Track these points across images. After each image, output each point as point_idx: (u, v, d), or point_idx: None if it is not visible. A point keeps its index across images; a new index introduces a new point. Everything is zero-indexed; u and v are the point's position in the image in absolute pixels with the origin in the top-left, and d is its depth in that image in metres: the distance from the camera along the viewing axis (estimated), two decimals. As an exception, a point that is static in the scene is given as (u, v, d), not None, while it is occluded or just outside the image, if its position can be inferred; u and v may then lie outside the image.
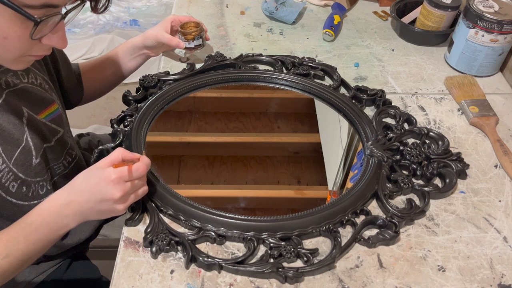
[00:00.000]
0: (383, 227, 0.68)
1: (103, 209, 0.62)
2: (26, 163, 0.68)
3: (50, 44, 0.60)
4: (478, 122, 0.87)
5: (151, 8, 2.07)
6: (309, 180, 1.00)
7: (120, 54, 0.94)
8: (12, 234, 0.61)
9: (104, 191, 0.60)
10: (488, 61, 0.96)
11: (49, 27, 0.58)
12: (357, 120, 0.84)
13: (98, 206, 0.61)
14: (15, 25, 0.54)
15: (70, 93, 0.90)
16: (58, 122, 0.77)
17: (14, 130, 0.66)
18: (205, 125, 1.10)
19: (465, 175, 0.78)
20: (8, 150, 0.66)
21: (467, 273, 0.64)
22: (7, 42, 0.55)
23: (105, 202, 0.61)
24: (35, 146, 0.70)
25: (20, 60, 0.61)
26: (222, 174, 1.00)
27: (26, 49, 0.58)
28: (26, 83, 0.71)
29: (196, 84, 0.90)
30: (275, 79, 0.93)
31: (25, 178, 0.69)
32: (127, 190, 0.61)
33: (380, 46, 1.08)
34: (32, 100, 0.72)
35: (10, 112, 0.66)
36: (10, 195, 0.68)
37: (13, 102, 0.67)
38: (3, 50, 0.57)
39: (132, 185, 0.62)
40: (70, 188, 0.62)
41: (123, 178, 0.60)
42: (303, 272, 0.62)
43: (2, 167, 0.65)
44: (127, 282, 0.62)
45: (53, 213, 0.62)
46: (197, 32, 0.93)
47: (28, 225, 0.62)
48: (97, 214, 0.63)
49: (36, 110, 0.72)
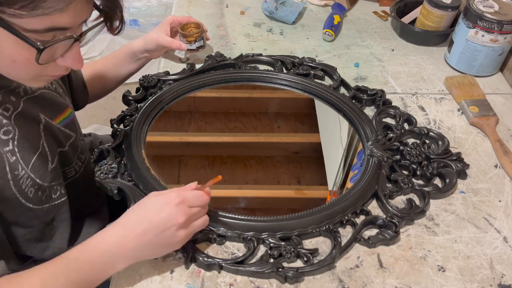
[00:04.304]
0: (383, 227, 0.68)
1: (162, 241, 0.57)
2: (42, 169, 0.67)
3: (65, 65, 0.57)
4: (478, 122, 0.87)
5: (151, 8, 2.07)
6: (309, 180, 1.00)
7: (121, 57, 0.94)
8: (52, 270, 0.56)
9: (167, 217, 0.56)
10: (488, 61, 0.96)
11: (61, 50, 0.55)
12: (357, 120, 0.84)
13: (158, 237, 0.56)
14: (22, 49, 0.52)
15: (77, 95, 0.90)
16: (71, 127, 0.77)
17: (32, 137, 0.65)
18: (205, 125, 1.10)
19: (465, 175, 0.78)
20: (26, 156, 0.64)
21: (467, 273, 0.64)
22: (16, 65, 0.54)
23: (167, 230, 0.56)
24: (50, 152, 0.69)
25: (37, 79, 0.59)
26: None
27: (38, 71, 0.56)
28: (43, 89, 0.71)
29: (196, 84, 0.90)
30: (275, 79, 0.93)
31: (41, 183, 0.67)
32: (191, 215, 0.58)
33: (380, 46, 1.08)
34: (49, 106, 0.71)
35: (28, 119, 0.66)
36: (28, 200, 0.66)
37: (31, 110, 0.66)
38: (15, 72, 0.56)
39: (196, 212, 0.59)
40: (125, 221, 0.58)
41: (186, 203, 0.58)
42: (303, 272, 0.62)
43: (22, 174, 0.64)
44: (127, 282, 0.62)
45: (100, 252, 0.56)
46: (198, 34, 0.93)
47: (71, 262, 0.56)
48: (153, 249, 0.58)
49: (52, 116, 0.71)
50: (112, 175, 0.71)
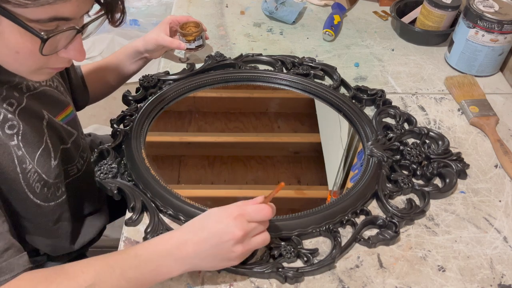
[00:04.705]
0: (383, 227, 0.68)
1: (220, 253, 0.57)
2: (46, 165, 0.68)
3: (67, 56, 0.58)
4: (478, 122, 0.87)
5: (151, 8, 2.07)
6: (309, 180, 0.99)
7: (121, 58, 0.94)
8: (108, 263, 0.56)
9: (225, 229, 0.56)
10: (488, 61, 0.96)
11: (64, 42, 0.56)
12: (357, 120, 0.84)
13: (215, 248, 0.56)
14: (25, 40, 0.52)
15: (78, 95, 0.90)
16: (73, 124, 0.77)
17: (35, 132, 0.66)
18: (205, 125, 1.10)
19: (465, 175, 0.78)
20: (30, 151, 0.65)
21: (467, 273, 0.64)
22: (19, 56, 0.54)
23: (225, 243, 0.56)
24: (53, 148, 0.70)
25: (39, 72, 0.59)
26: (222, 174, 0.99)
27: (41, 63, 0.57)
28: (45, 86, 0.71)
29: (196, 84, 0.90)
30: (275, 79, 0.92)
31: (47, 179, 0.68)
32: (249, 230, 0.57)
33: (380, 46, 1.08)
34: (51, 103, 0.72)
35: (32, 115, 0.66)
36: (36, 196, 0.67)
37: (34, 106, 0.67)
38: (17, 64, 0.56)
39: (254, 227, 0.58)
40: (187, 228, 0.58)
41: (245, 217, 0.57)
42: (303, 272, 0.62)
43: (29, 167, 0.65)
44: (127, 282, 0.62)
45: (161, 253, 0.56)
46: (197, 33, 0.93)
47: (131, 258, 0.56)
48: (211, 260, 0.57)
49: (54, 113, 0.72)
50: (112, 175, 0.71)
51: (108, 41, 2.00)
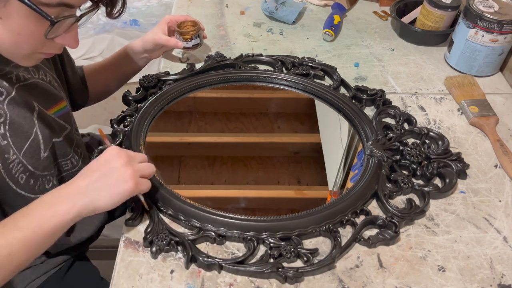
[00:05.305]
0: (383, 227, 0.68)
1: (111, 177, 0.59)
2: (35, 156, 0.69)
3: (63, 43, 0.61)
4: (478, 122, 0.87)
5: (151, 8, 2.07)
6: (309, 180, 1.00)
7: (121, 58, 0.95)
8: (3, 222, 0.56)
9: (109, 158, 0.60)
10: (488, 61, 0.96)
11: (63, 28, 0.58)
12: (357, 120, 0.84)
13: (106, 176, 0.59)
14: (30, 23, 0.54)
15: (76, 94, 0.90)
16: (66, 119, 0.78)
17: (24, 123, 0.67)
18: (205, 126, 1.10)
19: (465, 175, 0.78)
20: (18, 142, 0.66)
21: (467, 273, 0.64)
22: (20, 38, 0.56)
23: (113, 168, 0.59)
24: (44, 140, 0.70)
25: (31, 57, 0.61)
26: (222, 175, 0.99)
27: (37, 47, 0.59)
28: (36, 79, 0.72)
29: (196, 84, 0.90)
30: (275, 79, 0.93)
31: (33, 171, 0.69)
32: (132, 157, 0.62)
33: (380, 46, 1.08)
34: (42, 96, 0.73)
35: (22, 106, 0.67)
36: (19, 186, 0.68)
37: (24, 96, 0.68)
38: (15, 46, 0.58)
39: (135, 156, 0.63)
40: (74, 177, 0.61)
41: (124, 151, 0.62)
42: (303, 272, 0.62)
43: (13, 158, 0.66)
44: (127, 282, 0.62)
45: (52, 194, 0.58)
46: (194, 31, 0.93)
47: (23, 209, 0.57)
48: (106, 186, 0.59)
49: (45, 106, 0.73)
50: (112, 175, 0.71)
51: (108, 41, 2.00)
